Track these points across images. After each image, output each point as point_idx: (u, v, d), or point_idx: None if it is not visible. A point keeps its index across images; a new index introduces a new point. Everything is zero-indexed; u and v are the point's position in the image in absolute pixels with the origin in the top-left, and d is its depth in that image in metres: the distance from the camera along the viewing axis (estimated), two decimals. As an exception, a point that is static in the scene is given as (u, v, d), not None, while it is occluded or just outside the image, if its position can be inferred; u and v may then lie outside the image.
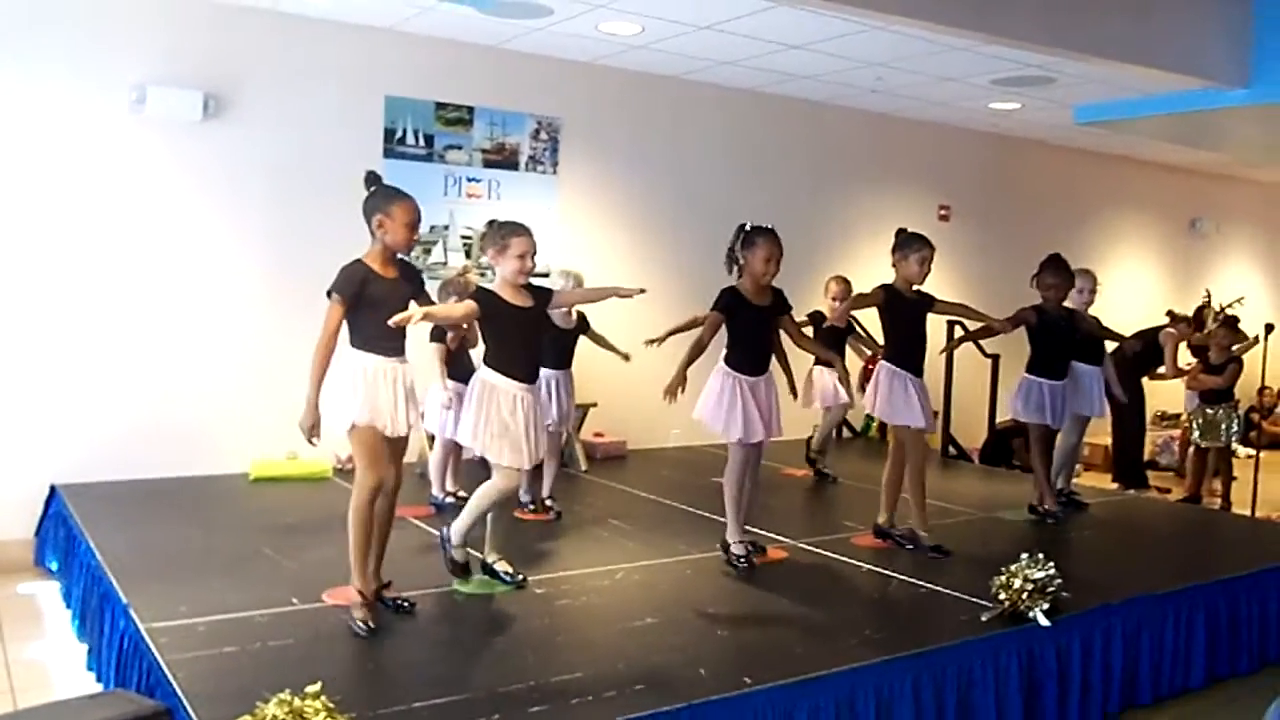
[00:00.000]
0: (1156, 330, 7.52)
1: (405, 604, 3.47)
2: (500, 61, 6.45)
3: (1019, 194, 9.15)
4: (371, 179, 3.49)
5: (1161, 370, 7.45)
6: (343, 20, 5.87)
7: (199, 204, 5.61)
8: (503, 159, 6.60)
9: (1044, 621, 3.51)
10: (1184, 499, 7.37)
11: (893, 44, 5.95)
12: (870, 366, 5.88)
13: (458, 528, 3.71)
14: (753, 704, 2.86)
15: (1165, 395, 9.12)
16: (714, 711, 2.79)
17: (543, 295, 3.82)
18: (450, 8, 5.52)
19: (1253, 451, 7.41)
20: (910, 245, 4.52)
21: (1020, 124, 8.33)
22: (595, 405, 6.49)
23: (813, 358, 5.93)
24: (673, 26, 5.82)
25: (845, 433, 7.81)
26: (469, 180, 6.49)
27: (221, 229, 5.67)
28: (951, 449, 7.54)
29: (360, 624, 3.29)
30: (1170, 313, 7.73)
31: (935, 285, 8.38)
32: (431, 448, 5.41)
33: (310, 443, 3.33)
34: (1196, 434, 7.46)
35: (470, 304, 3.65)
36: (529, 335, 3.75)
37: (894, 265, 4.60)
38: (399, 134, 6.22)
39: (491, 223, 3.83)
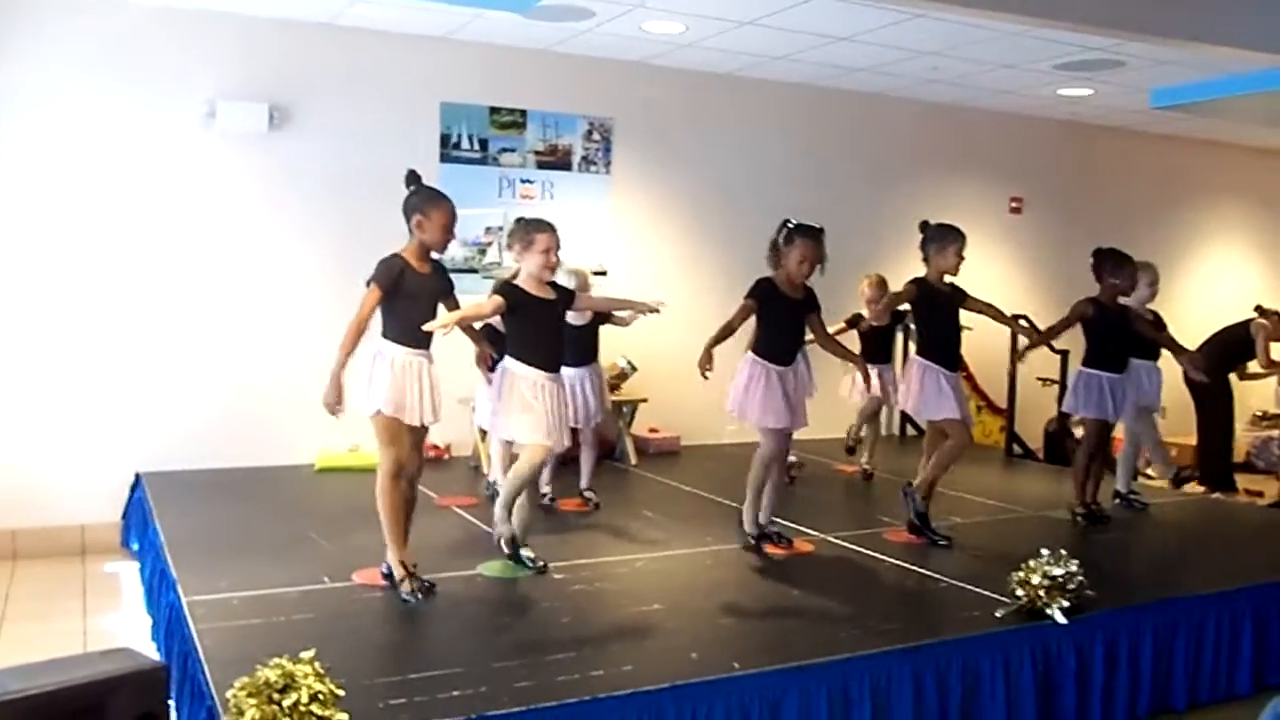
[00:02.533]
0: (1245, 324, 7.15)
1: (425, 583, 3.64)
2: (551, 64, 6.62)
3: (1098, 184, 8.80)
4: (412, 178, 3.70)
5: (1253, 367, 7.08)
6: (398, 31, 6.14)
7: (267, 210, 5.97)
8: (556, 160, 6.77)
9: (1061, 619, 3.43)
10: (1275, 504, 6.97)
11: (943, 31, 5.84)
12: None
13: (498, 509, 3.90)
14: (739, 688, 2.91)
15: (1265, 392, 8.62)
16: (698, 693, 2.85)
17: (565, 294, 3.99)
18: (496, 14, 5.71)
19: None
20: (947, 237, 4.49)
21: (1096, 110, 8.02)
22: (645, 400, 6.58)
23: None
24: (715, 24, 5.87)
25: (910, 430, 7.69)
26: (523, 182, 6.68)
27: (288, 233, 6.00)
28: (1016, 447, 7.33)
29: (408, 594, 3.53)
30: (1258, 307, 7.33)
31: (1006, 280, 8.32)
32: (483, 440, 5.62)
33: (333, 415, 3.52)
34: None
35: (497, 299, 3.83)
36: (551, 327, 3.91)
37: (927, 259, 4.55)
38: (454, 139, 6.45)
39: (519, 220, 4.04)
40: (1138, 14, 5.30)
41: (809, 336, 4.44)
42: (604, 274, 6.93)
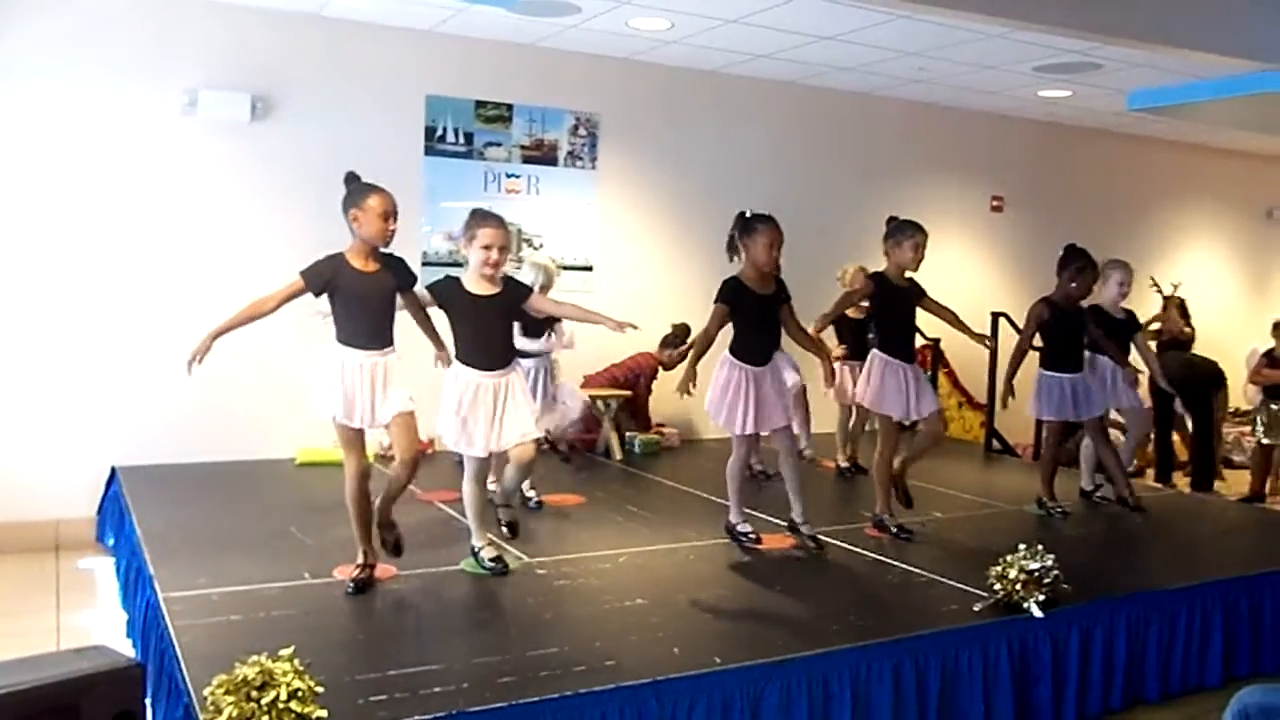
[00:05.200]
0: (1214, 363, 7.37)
1: (363, 582, 3.58)
2: (538, 59, 6.60)
3: (1078, 184, 8.89)
4: (349, 178, 3.65)
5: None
6: (384, 23, 6.10)
7: (249, 201, 5.92)
8: (542, 155, 6.75)
9: (1037, 612, 3.47)
10: (1245, 498, 7.08)
11: (926, 32, 5.88)
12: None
13: (472, 528, 3.89)
14: (721, 682, 2.93)
15: (1236, 389, 8.73)
16: (680, 688, 2.86)
17: (516, 288, 3.85)
18: (482, 8, 5.69)
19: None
20: (903, 231, 4.49)
21: (1075, 112, 8.10)
22: (629, 395, 6.59)
23: (841, 352, 5.94)
24: (701, 21, 5.88)
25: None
26: (508, 176, 6.66)
27: (269, 225, 5.95)
28: (995, 443, 7.40)
29: (350, 582, 3.56)
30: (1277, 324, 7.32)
31: (986, 277, 8.38)
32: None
33: (188, 370, 3.41)
34: (1260, 431, 7.18)
35: (424, 294, 3.75)
36: (491, 325, 3.75)
37: (886, 253, 4.56)
38: (439, 132, 6.43)
39: (473, 211, 3.85)
40: (1113, 18, 5.37)
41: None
42: (590, 269, 6.94)
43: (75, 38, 5.46)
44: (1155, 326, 7.58)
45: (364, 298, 3.51)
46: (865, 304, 5.11)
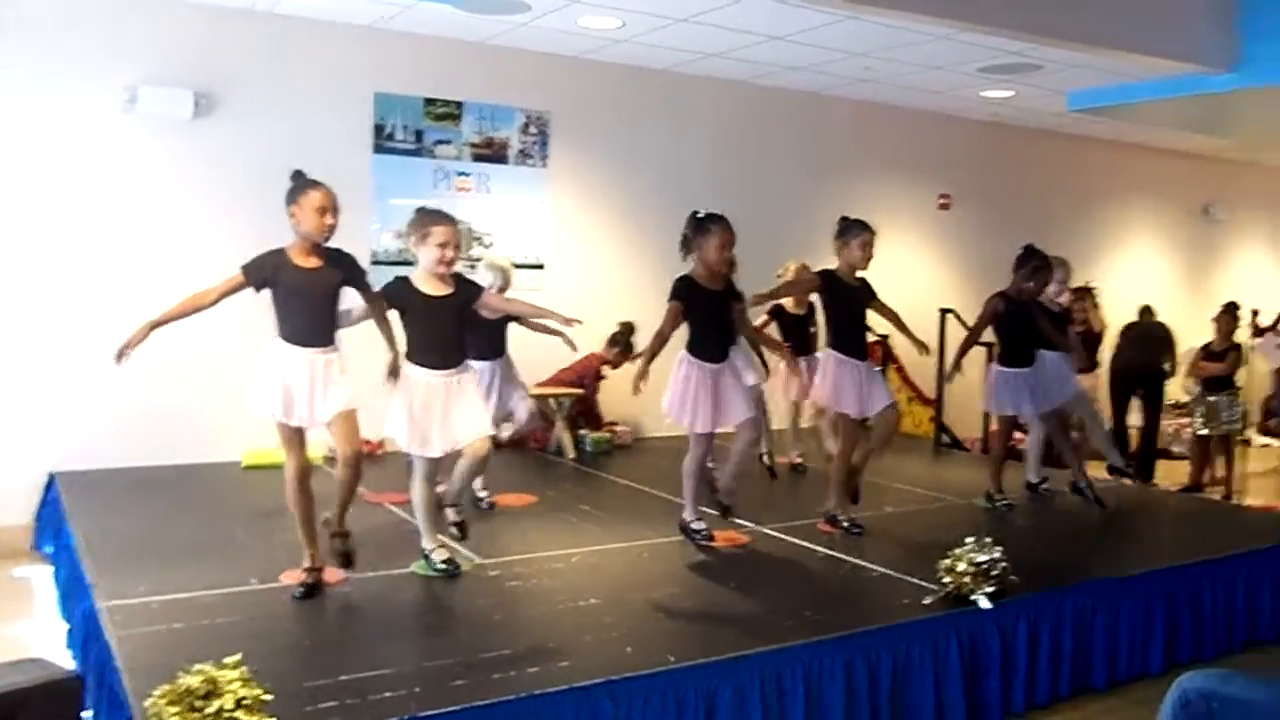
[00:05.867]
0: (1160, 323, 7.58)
1: (311, 586, 3.53)
2: (488, 57, 6.55)
3: (1022, 182, 9.07)
4: (294, 175, 3.57)
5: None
6: (331, 19, 6.01)
7: (190, 200, 5.79)
8: (492, 153, 6.70)
9: (985, 604, 3.53)
10: (1184, 488, 7.29)
11: (873, 33, 5.95)
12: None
13: (421, 530, 3.85)
14: (675, 681, 2.93)
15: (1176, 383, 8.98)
16: (634, 688, 2.86)
17: (467, 287, 3.82)
18: (430, 5, 5.62)
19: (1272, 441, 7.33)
20: (852, 231, 4.54)
21: (1018, 112, 8.25)
22: (580, 393, 6.57)
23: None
24: (651, 20, 5.88)
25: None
26: (458, 174, 6.60)
27: (213, 224, 5.82)
28: (945, 437, 7.51)
29: (297, 586, 3.51)
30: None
31: (935, 273, 8.51)
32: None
33: (117, 360, 3.34)
34: (1199, 422, 7.39)
35: (380, 299, 3.68)
36: (445, 325, 3.71)
37: (836, 252, 4.61)
38: (388, 130, 6.35)
39: (418, 210, 3.81)
40: (1054, 21, 5.50)
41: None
42: (540, 267, 6.90)
43: (9, 32, 5.28)
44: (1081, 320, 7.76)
45: (304, 294, 3.44)
46: (811, 298, 5.17)
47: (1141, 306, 8.14)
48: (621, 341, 6.62)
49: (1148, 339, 7.89)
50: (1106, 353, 7.70)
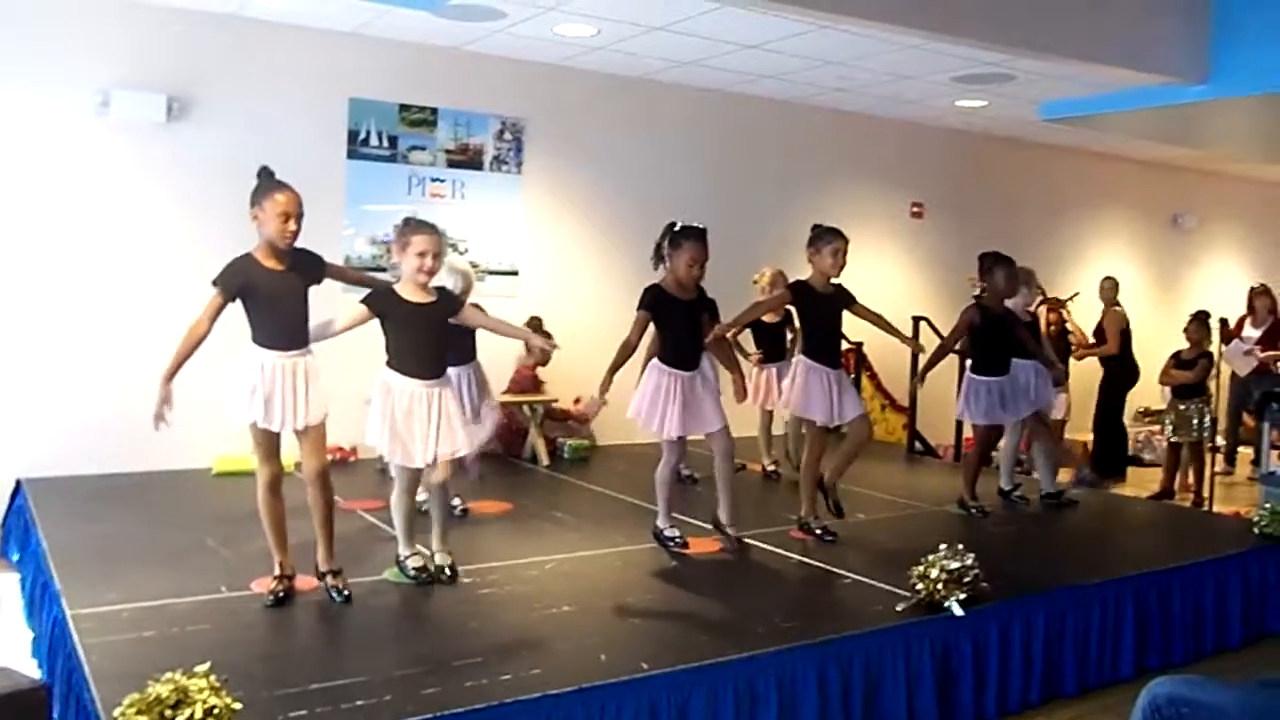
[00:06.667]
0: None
1: (283, 594, 3.52)
2: (463, 63, 6.54)
3: (994, 191, 9.16)
4: (260, 173, 3.54)
5: None
6: (305, 24, 5.98)
7: (163, 205, 5.73)
8: (467, 159, 6.69)
9: (958, 611, 3.55)
10: (1155, 495, 7.37)
11: (846, 42, 6.00)
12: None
13: (400, 543, 3.84)
14: (648, 689, 2.93)
15: (1149, 393, 9.10)
16: (606, 695, 2.86)
17: (448, 299, 3.84)
18: (406, 11, 5.61)
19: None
20: (824, 239, 4.55)
21: (991, 121, 8.35)
22: (556, 401, 6.57)
23: (758, 356, 5.97)
24: (626, 28, 5.90)
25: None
26: (433, 181, 6.59)
27: (185, 229, 5.77)
28: (918, 444, 7.57)
29: (269, 595, 3.48)
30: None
31: (908, 282, 8.57)
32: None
33: (155, 426, 3.32)
34: (1170, 430, 7.47)
35: (362, 309, 3.66)
36: (428, 333, 3.70)
37: (810, 260, 4.62)
38: (363, 135, 6.32)
39: (404, 220, 3.81)
40: (1027, 33, 5.56)
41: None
42: (515, 274, 6.89)
43: (-25, 32, 5.23)
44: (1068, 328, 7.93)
45: (276, 298, 3.42)
46: (787, 308, 5.19)
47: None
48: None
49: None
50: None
